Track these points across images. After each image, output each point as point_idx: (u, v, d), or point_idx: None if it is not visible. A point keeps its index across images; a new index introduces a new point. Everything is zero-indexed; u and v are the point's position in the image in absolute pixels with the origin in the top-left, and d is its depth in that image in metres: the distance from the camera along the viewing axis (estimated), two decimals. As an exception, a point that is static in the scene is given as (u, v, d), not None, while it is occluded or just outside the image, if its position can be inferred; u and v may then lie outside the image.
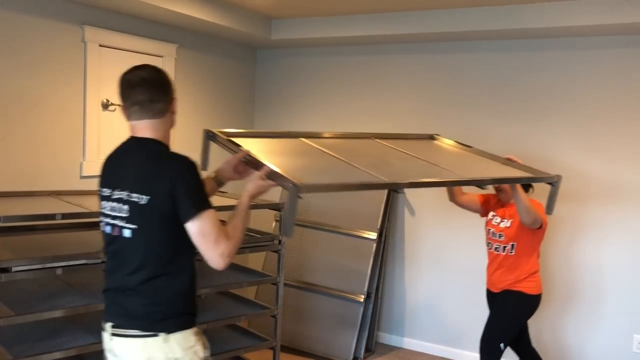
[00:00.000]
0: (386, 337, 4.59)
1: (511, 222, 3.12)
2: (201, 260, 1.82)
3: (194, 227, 1.76)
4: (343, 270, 4.31)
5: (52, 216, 2.59)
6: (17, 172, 3.30)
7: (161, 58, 4.15)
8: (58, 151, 3.52)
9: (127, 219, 1.80)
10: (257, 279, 3.40)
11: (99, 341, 2.64)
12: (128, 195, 1.79)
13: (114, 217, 1.84)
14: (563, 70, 3.89)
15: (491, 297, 3.30)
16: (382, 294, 4.47)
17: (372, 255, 4.23)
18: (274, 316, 3.40)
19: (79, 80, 3.62)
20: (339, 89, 4.74)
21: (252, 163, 2.10)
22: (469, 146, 3.25)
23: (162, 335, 1.79)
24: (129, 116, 1.86)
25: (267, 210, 3.79)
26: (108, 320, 1.88)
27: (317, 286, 4.36)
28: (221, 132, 2.35)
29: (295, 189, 1.91)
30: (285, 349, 4.16)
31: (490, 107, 4.14)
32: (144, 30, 4.01)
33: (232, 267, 3.58)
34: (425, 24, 4.00)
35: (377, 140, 3.04)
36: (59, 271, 2.53)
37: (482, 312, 3.40)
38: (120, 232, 1.82)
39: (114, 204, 1.84)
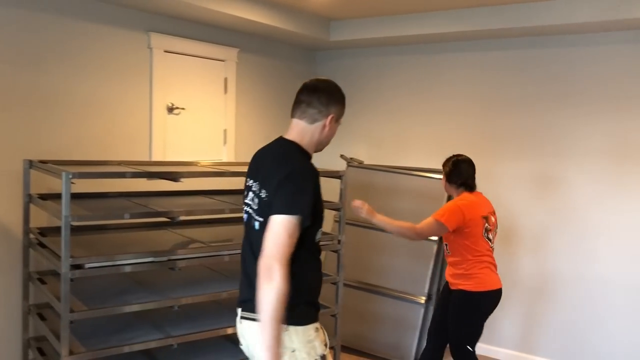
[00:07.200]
0: (448, 340, 4.50)
1: None
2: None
3: (270, 221, 1.79)
4: (404, 272, 4.26)
5: (121, 216, 2.69)
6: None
7: (223, 62, 4.24)
8: (126, 151, 3.67)
9: (256, 212, 1.91)
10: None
11: (165, 336, 2.75)
12: (259, 189, 1.90)
13: (250, 207, 1.96)
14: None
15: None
16: (443, 296, 4.39)
17: (433, 256, 4.17)
18: (334, 315, 3.41)
19: (146, 84, 3.76)
20: (399, 88, 4.70)
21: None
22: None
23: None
24: (291, 113, 2.04)
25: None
26: (239, 305, 1.98)
27: (378, 287, 4.34)
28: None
29: None
30: (346, 349, 4.16)
31: (550, 105, 4.01)
32: (207, 35, 4.11)
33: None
34: (484, 21, 3.90)
35: None
36: (127, 268, 2.62)
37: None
38: (252, 223, 1.92)
39: (252, 195, 1.95)
